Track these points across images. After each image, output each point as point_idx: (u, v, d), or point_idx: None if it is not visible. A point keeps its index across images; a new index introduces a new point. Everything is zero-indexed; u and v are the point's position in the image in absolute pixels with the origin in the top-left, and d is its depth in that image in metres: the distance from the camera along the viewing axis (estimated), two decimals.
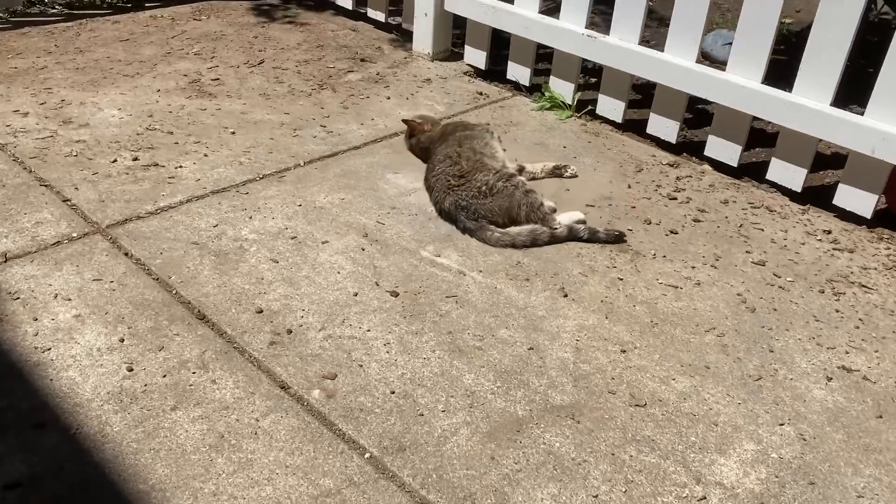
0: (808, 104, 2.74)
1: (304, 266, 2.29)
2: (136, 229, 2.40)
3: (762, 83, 2.88)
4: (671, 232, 2.59)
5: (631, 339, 2.10)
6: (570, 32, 3.31)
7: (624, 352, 2.06)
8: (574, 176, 2.85)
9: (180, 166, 2.77)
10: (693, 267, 2.42)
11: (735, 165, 3.03)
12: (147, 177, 2.69)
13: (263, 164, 2.82)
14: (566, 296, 2.25)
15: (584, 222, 2.54)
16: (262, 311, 2.10)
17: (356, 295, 2.19)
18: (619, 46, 3.18)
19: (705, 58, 4.09)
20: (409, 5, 3.98)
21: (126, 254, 2.30)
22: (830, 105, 2.73)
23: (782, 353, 2.09)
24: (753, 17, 2.82)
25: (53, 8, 4.22)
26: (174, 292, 2.15)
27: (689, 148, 3.20)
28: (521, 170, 2.75)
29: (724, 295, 2.30)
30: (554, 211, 2.57)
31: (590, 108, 3.42)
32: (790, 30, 4.62)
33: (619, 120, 3.34)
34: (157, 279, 2.20)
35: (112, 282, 2.17)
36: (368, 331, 2.06)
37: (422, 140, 2.85)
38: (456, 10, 3.74)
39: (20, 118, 3.00)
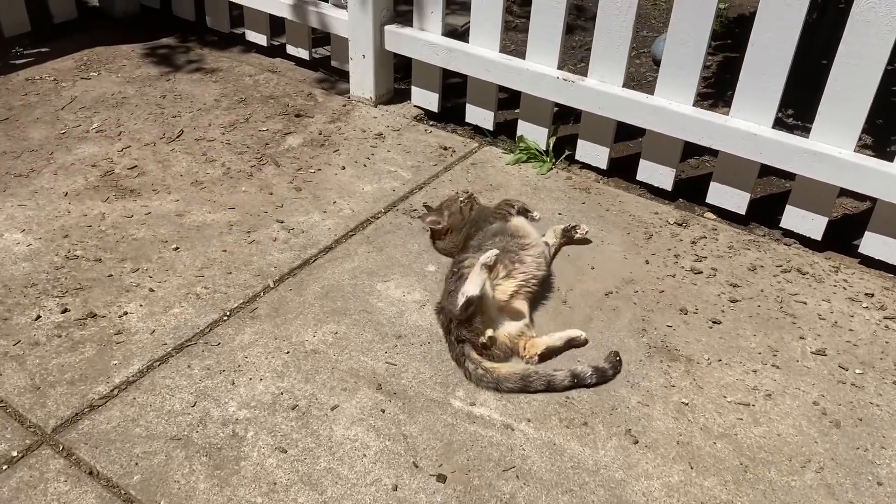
0: (831, 151, 2.49)
1: (320, 452, 1.86)
2: (95, 429, 1.90)
3: (773, 127, 2.60)
4: (714, 322, 2.29)
5: (729, 497, 1.80)
6: (541, 76, 2.92)
7: None
8: (585, 239, 2.56)
9: (125, 313, 2.25)
10: (754, 371, 2.14)
11: (743, 213, 2.76)
12: (87, 337, 2.16)
13: (226, 294, 2.33)
14: (637, 442, 1.92)
15: (580, 341, 2.20)
16: None
17: (396, 489, 1.79)
18: (601, 91, 2.83)
19: (655, 63, 3.82)
20: (340, 43, 3.48)
21: (90, 472, 1.80)
22: (853, 151, 2.49)
23: (891, 482, 1.84)
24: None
25: None
26: None
27: (684, 191, 2.90)
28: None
29: (801, 407, 2.03)
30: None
31: (567, 152, 3.07)
32: (728, 16, 4.39)
33: (603, 166, 3.01)
34: None
35: None
36: None
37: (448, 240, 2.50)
38: (399, 51, 3.28)
39: None
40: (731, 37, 4.22)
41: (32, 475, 1.78)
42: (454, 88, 3.44)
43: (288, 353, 2.14)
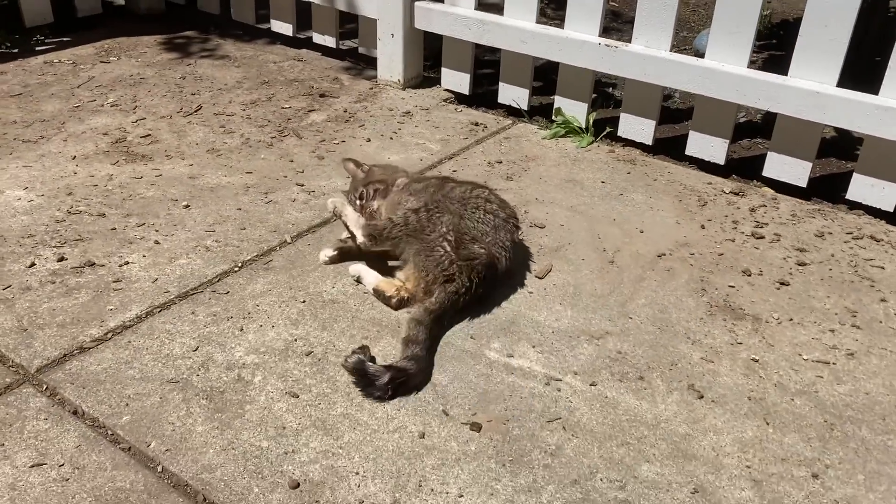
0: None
1: (336, 398, 1.62)
2: (83, 370, 1.67)
3: (836, 86, 2.38)
4: (781, 284, 2.04)
5: (815, 455, 1.52)
6: (582, 43, 2.74)
7: (816, 476, 1.48)
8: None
9: (126, 262, 2.04)
10: (832, 330, 1.87)
11: (804, 186, 2.52)
12: (83, 284, 1.95)
13: (238, 247, 2.13)
14: (702, 397, 1.66)
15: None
16: (298, 486, 1.42)
17: (423, 436, 1.54)
18: (647, 55, 2.63)
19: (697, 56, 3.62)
20: (368, 26, 3.33)
21: (75, 412, 1.57)
22: None
23: None
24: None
25: None
26: (160, 469, 1.45)
27: (737, 168, 2.67)
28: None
29: (890, 367, 1.76)
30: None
31: (608, 129, 2.86)
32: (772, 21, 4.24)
33: (648, 142, 2.79)
34: (131, 449, 1.49)
35: (62, 465, 1.45)
36: (461, 496, 1.42)
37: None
38: (430, 28, 3.12)
39: None
40: (775, 38, 4.05)
41: (9, 413, 1.56)
42: (485, 77, 3.28)
43: (304, 302, 1.91)
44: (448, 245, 1.84)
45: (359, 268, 1.98)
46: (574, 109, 2.90)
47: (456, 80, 3.19)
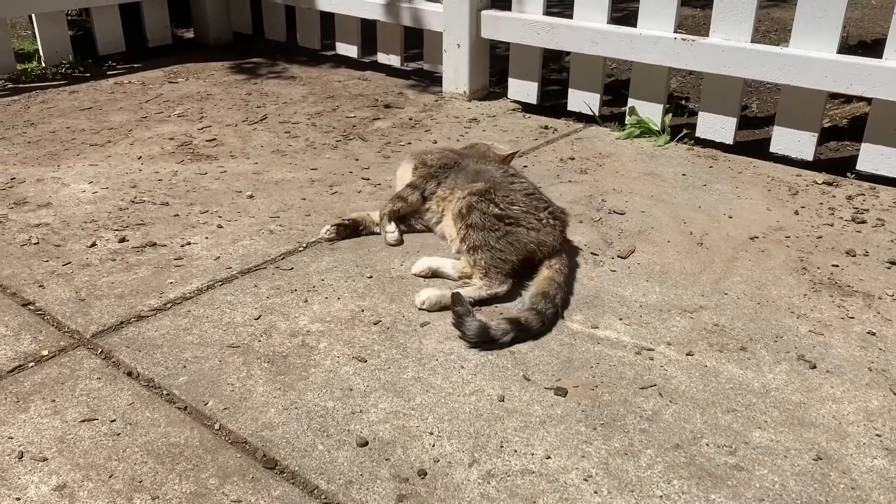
0: None
1: (407, 363, 1.49)
2: (140, 335, 1.58)
3: None
4: (891, 263, 1.85)
5: None
6: (657, 39, 2.63)
7: None
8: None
9: (188, 243, 1.97)
10: None
11: None
12: (143, 261, 1.88)
13: (303, 231, 2.04)
14: (814, 367, 1.48)
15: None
16: (366, 444, 1.28)
17: (503, 400, 1.39)
18: (727, 47, 2.51)
19: None
20: (434, 41, 3.30)
21: (129, 373, 1.47)
22: None
23: None
24: None
25: None
26: (217, 427, 1.33)
27: (826, 167, 2.50)
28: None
29: None
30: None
31: (685, 132, 2.72)
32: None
33: (729, 141, 2.64)
34: (186, 408, 1.37)
35: (114, 421, 1.34)
36: (548, 458, 1.26)
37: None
38: (497, 36, 3.06)
39: None
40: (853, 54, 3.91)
41: (62, 372, 1.47)
42: (551, 93, 3.21)
43: (371, 277, 1.80)
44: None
45: (425, 261, 1.82)
46: (649, 111, 2.78)
47: (523, 89, 3.11)
